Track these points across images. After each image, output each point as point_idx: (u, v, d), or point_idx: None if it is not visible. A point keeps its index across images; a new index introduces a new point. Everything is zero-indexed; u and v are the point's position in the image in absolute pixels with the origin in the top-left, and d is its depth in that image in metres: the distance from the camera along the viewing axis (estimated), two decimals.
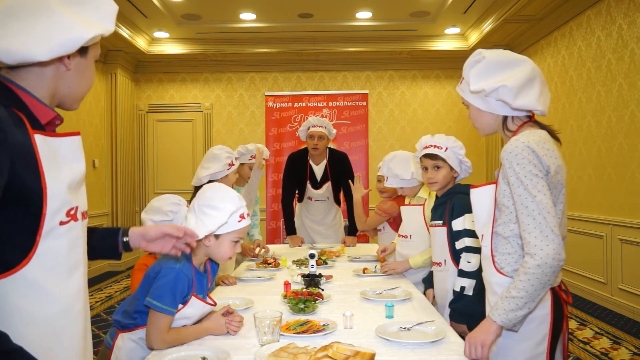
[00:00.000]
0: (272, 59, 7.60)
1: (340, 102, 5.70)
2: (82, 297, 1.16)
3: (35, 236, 1.02)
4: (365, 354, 1.32)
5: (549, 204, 1.39)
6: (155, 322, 1.60)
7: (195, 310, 1.71)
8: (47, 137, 1.07)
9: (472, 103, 1.61)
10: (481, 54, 1.58)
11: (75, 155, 1.14)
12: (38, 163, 1.02)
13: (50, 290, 1.06)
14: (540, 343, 1.48)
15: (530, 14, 5.88)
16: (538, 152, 1.42)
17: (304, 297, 2.08)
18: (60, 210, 1.06)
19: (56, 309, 1.07)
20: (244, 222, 1.71)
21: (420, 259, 2.72)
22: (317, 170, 4.03)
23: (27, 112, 1.06)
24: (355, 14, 6.27)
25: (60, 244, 1.07)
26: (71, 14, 1.05)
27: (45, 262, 1.04)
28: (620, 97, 4.69)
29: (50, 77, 1.11)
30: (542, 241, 1.38)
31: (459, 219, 2.21)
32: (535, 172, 1.41)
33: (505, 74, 1.51)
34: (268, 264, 3.05)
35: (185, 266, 1.66)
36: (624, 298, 4.68)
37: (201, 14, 6.21)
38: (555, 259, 1.38)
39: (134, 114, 7.76)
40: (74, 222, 1.11)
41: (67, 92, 1.16)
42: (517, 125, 1.56)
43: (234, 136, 7.77)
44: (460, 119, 7.68)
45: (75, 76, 1.15)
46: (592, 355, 3.67)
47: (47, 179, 1.03)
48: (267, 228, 5.64)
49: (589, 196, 5.23)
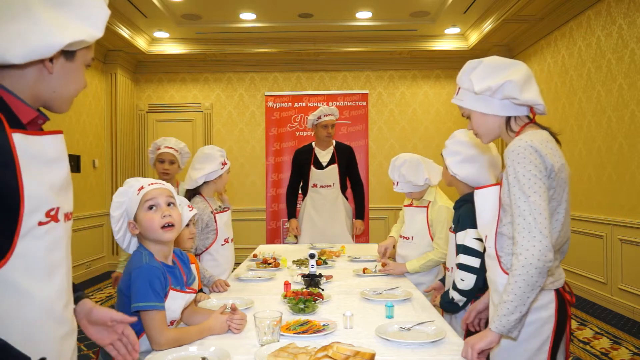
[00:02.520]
0: (272, 59, 7.60)
1: (340, 102, 5.69)
2: (63, 298, 1.13)
3: (12, 237, 1.00)
4: (365, 354, 1.32)
5: (542, 206, 1.39)
6: (150, 323, 1.59)
7: (177, 301, 1.70)
8: (29, 135, 1.04)
9: (474, 109, 1.60)
10: (478, 61, 1.60)
11: (57, 155, 1.11)
12: (15, 162, 0.99)
13: (30, 291, 1.03)
14: (543, 344, 1.48)
15: (530, 14, 5.88)
16: (541, 151, 1.43)
17: (304, 297, 2.08)
18: (38, 210, 1.03)
19: (36, 311, 1.05)
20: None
21: (417, 263, 2.72)
22: (323, 154, 4.23)
23: (6, 111, 1.04)
24: (355, 14, 6.27)
25: (39, 245, 1.04)
26: (52, 18, 1.02)
27: (23, 263, 1.02)
28: (620, 97, 4.69)
29: (32, 80, 1.08)
30: (529, 242, 1.38)
31: (461, 233, 2.15)
32: (535, 172, 1.41)
33: (506, 72, 1.53)
34: (268, 264, 3.05)
35: (152, 261, 1.66)
36: (624, 298, 4.68)
37: (201, 14, 6.21)
38: (541, 260, 1.37)
39: (134, 114, 7.76)
40: (54, 223, 1.08)
41: (51, 96, 1.12)
42: (520, 126, 1.56)
43: (234, 136, 7.78)
44: (460, 119, 7.67)
45: (60, 80, 1.11)
46: (592, 355, 3.67)
47: (24, 178, 1.00)
48: (267, 228, 5.64)
49: (589, 196, 5.23)
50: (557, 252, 1.53)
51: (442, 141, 2.37)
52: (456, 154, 2.20)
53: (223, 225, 2.84)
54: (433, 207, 2.78)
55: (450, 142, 2.26)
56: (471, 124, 1.65)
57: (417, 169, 2.76)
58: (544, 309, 1.48)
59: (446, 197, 2.85)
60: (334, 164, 4.20)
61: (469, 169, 2.16)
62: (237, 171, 7.64)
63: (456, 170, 2.19)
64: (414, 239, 2.84)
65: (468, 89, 1.60)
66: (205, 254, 2.76)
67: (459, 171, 2.19)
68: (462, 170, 2.18)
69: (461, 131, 2.25)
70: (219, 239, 2.80)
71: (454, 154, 2.21)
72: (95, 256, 6.81)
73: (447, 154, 2.25)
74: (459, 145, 2.21)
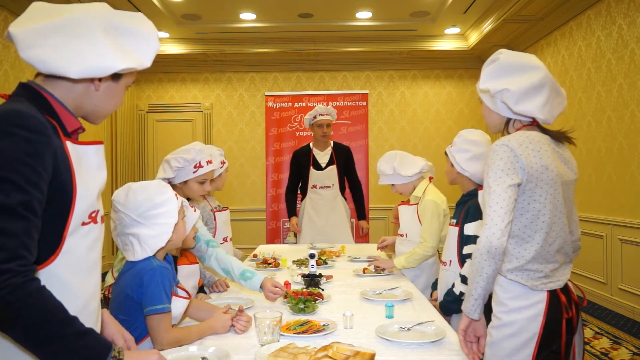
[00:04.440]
0: (272, 59, 7.60)
1: (340, 102, 5.69)
2: (97, 296, 1.22)
3: (62, 234, 1.09)
4: (365, 354, 1.32)
5: (500, 196, 1.45)
6: (157, 325, 1.59)
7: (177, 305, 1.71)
8: (75, 144, 1.13)
9: (483, 100, 1.65)
10: (499, 53, 1.60)
11: (99, 163, 1.20)
12: (71, 167, 1.10)
13: (72, 287, 1.12)
14: (526, 343, 1.47)
15: (530, 14, 5.88)
16: (516, 150, 1.47)
17: (304, 297, 2.08)
18: (85, 212, 1.13)
19: (77, 305, 1.11)
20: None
21: (403, 259, 2.76)
22: (321, 155, 4.23)
23: (57, 120, 1.12)
24: (355, 14, 6.27)
25: (82, 243, 1.13)
26: (112, 43, 1.12)
27: (69, 259, 1.10)
28: (620, 97, 4.69)
29: (79, 93, 1.16)
30: (482, 229, 1.47)
31: (473, 223, 2.15)
32: (502, 167, 1.46)
33: (512, 77, 1.53)
34: (268, 264, 3.05)
35: (160, 262, 1.66)
36: (624, 298, 4.68)
37: (201, 14, 6.21)
38: (485, 246, 1.44)
39: (134, 114, 7.76)
40: (93, 224, 1.17)
41: (92, 110, 1.21)
42: (516, 129, 1.58)
43: (234, 136, 7.77)
44: (460, 119, 7.68)
45: (103, 97, 1.20)
46: (592, 355, 3.67)
47: (77, 181, 1.10)
48: (267, 228, 5.64)
49: (589, 196, 5.23)
50: (557, 254, 1.53)
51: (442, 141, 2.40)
52: (466, 152, 2.24)
53: (222, 224, 2.84)
54: (421, 202, 2.82)
55: (459, 140, 2.30)
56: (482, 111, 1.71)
57: (388, 161, 2.93)
58: (530, 308, 1.48)
59: (438, 192, 2.87)
60: (333, 164, 4.21)
61: (477, 166, 2.21)
62: (237, 171, 7.64)
63: (466, 167, 2.23)
64: (408, 236, 2.92)
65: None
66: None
67: (469, 168, 2.23)
68: (472, 167, 2.22)
69: (469, 130, 2.32)
70: (218, 237, 2.80)
71: (464, 152, 2.25)
72: None
73: (456, 151, 2.28)
74: (468, 144, 2.26)
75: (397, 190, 3.00)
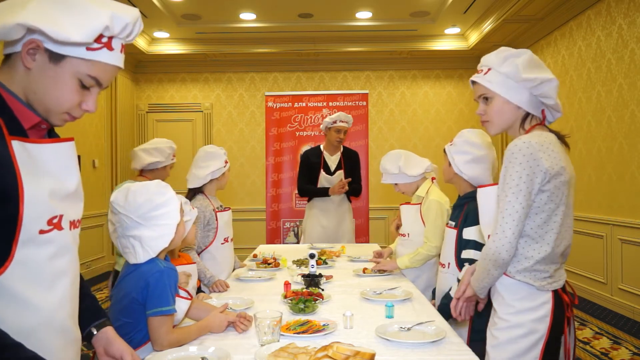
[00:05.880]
0: (272, 59, 7.60)
1: (340, 102, 5.70)
2: (66, 307, 1.11)
3: (11, 244, 0.98)
4: (365, 354, 1.32)
5: (514, 207, 1.44)
6: (161, 327, 1.58)
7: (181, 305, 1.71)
8: (26, 143, 1.02)
9: (501, 94, 1.55)
10: (521, 51, 1.57)
11: (64, 163, 1.09)
12: (15, 169, 0.98)
13: (30, 301, 1.01)
14: (535, 344, 1.48)
15: (530, 14, 5.88)
16: (537, 153, 1.43)
17: (304, 297, 2.08)
18: (39, 218, 1.01)
19: (36, 320, 1.03)
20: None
21: (407, 259, 2.74)
22: (332, 159, 4.29)
23: (8, 116, 1.02)
24: (355, 14, 6.27)
25: (40, 253, 1.02)
26: (38, 6, 0.99)
27: (22, 271, 1.00)
28: (620, 97, 4.69)
29: (20, 77, 1.04)
30: (493, 236, 1.48)
31: (471, 228, 2.12)
32: (520, 174, 1.44)
33: (547, 71, 1.55)
34: (268, 264, 3.05)
35: (164, 263, 1.64)
36: (624, 298, 4.68)
37: (201, 14, 6.21)
38: (494, 255, 1.47)
39: (134, 114, 7.76)
40: (57, 231, 1.06)
41: (34, 99, 1.06)
42: (531, 126, 1.56)
43: (234, 136, 7.77)
44: (460, 119, 7.68)
45: (41, 81, 1.04)
46: (592, 355, 3.67)
47: (25, 185, 0.98)
48: (267, 228, 5.64)
49: (589, 196, 5.23)
50: (558, 256, 1.53)
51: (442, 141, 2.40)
52: (465, 154, 2.19)
53: (223, 224, 2.84)
54: (424, 202, 2.81)
55: (460, 141, 2.23)
56: (484, 109, 1.61)
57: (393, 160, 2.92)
58: (538, 309, 1.48)
59: (441, 192, 2.86)
60: (340, 169, 4.26)
61: (476, 169, 2.17)
62: (237, 171, 7.64)
63: (464, 169, 2.18)
64: (410, 236, 2.90)
65: (507, 74, 1.53)
66: (204, 252, 2.77)
67: (467, 170, 2.18)
68: (470, 170, 2.18)
69: (470, 131, 2.25)
70: (219, 237, 2.80)
71: (463, 153, 2.19)
72: (95, 256, 6.81)
73: (456, 152, 2.22)
74: (468, 146, 2.20)
75: (400, 190, 2.99)
